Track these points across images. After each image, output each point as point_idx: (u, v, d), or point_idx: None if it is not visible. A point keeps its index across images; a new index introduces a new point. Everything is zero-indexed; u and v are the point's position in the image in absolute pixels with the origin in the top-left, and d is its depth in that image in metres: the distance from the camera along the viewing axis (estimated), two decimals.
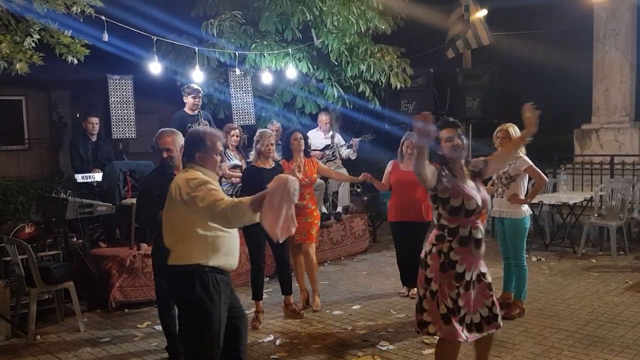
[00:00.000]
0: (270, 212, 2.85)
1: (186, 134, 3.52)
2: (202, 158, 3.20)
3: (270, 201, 2.85)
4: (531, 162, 5.18)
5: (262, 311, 5.31)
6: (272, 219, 2.85)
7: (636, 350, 4.39)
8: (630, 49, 9.75)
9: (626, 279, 6.44)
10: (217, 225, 3.08)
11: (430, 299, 3.47)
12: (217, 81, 8.42)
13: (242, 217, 2.92)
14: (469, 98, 9.81)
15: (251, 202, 2.89)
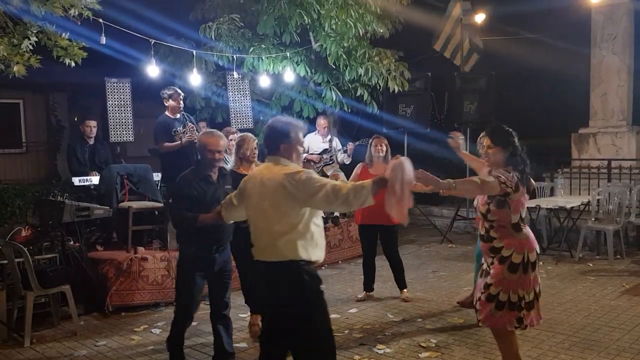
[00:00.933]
0: (395, 200, 2.98)
1: (268, 124, 3.33)
2: (287, 150, 3.17)
3: (393, 189, 2.98)
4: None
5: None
6: (398, 206, 2.99)
7: (632, 354, 4.40)
8: (628, 53, 9.78)
9: (623, 283, 6.45)
10: (314, 218, 3.08)
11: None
12: (215, 85, 8.43)
13: (364, 200, 2.99)
14: (466, 102, 9.82)
15: (372, 187, 2.97)
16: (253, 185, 3.21)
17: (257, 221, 3.18)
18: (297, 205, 3.03)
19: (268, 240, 3.10)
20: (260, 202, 3.13)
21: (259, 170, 3.30)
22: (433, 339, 4.84)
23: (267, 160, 3.25)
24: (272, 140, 3.20)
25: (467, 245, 8.85)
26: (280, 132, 3.18)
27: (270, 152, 3.22)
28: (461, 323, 5.26)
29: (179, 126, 6.21)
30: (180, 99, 6.33)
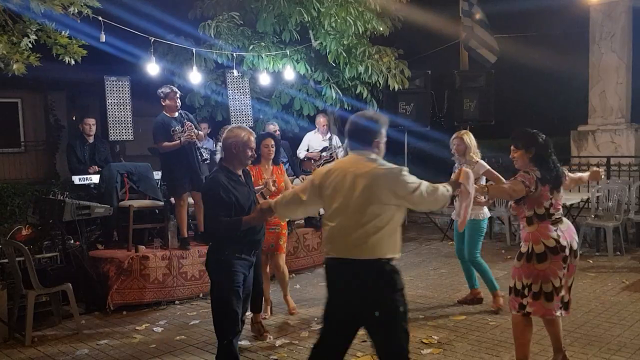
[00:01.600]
0: (465, 205, 3.27)
1: (355, 118, 3.22)
2: (378, 145, 3.13)
3: (467, 194, 3.25)
4: (488, 167, 5.39)
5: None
6: (465, 211, 3.29)
7: (633, 350, 4.41)
8: (626, 51, 9.78)
9: (623, 279, 6.46)
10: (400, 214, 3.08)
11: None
12: (214, 83, 8.41)
13: (447, 202, 3.16)
14: (466, 100, 9.84)
15: (451, 187, 3.17)
16: (339, 180, 3.06)
17: (345, 217, 3.02)
18: (393, 202, 3.00)
19: (359, 236, 2.98)
20: (352, 197, 3.00)
21: (341, 164, 3.16)
22: (435, 335, 4.85)
23: (353, 154, 3.17)
24: (365, 134, 3.13)
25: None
26: (375, 128, 3.13)
27: (360, 147, 3.14)
28: (463, 319, 5.27)
29: (177, 125, 6.14)
30: (177, 97, 6.22)
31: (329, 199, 3.11)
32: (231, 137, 3.81)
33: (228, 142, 3.81)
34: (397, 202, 3.01)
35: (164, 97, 6.17)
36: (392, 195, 2.98)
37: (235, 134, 3.83)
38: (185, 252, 6.15)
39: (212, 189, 3.69)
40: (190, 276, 6.13)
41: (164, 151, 6.15)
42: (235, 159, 3.81)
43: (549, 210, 3.84)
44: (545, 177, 3.79)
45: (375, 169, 3.02)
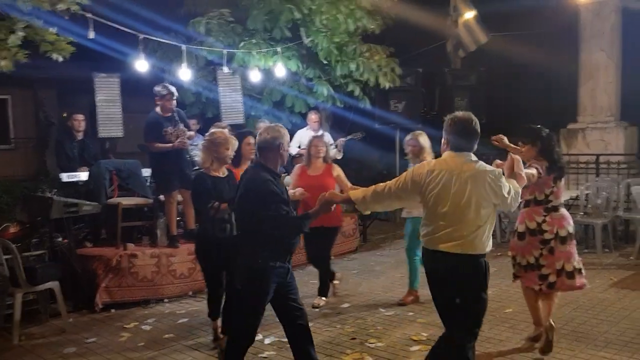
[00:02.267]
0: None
1: (464, 118, 3.32)
2: (474, 148, 3.39)
3: (522, 178, 3.65)
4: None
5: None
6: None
7: (620, 346, 4.44)
8: (615, 50, 9.84)
9: (611, 276, 6.50)
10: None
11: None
12: (205, 80, 8.38)
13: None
14: (457, 98, 9.88)
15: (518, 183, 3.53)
16: (447, 180, 3.23)
17: (456, 216, 3.21)
18: (493, 201, 3.25)
19: (466, 233, 3.20)
20: (462, 197, 3.20)
21: (444, 165, 3.29)
22: (424, 332, 4.86)
23: (454, 154, 3.31)
24: (474, 137, 3.30)
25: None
26: (477, 130, 3.31)
27: (462, 149, 3.30)
28: None
29: (170, 126, 6.13)
30: (173, 99, 6.19)
31: (436, 197, 3.26)
32: (278, 136, 3.56)
33: (276, 141, 3.54)
34: (496, 202, 3.27)
35: (160, 97, 6.14)
36: (493, 195, 3.24)
37: (282, 133, 3.59)
38: (174, 250, 6.13)
39: (261, 185, 3.44)
40: (179, 274, 6.11)
41: (155, 151, 6.13)
42: (280, 159, 3.60)
43: (548, 197, 4.24)
44: (552, 167, 4.23)
45: (481, 170, 3.25)
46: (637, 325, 4.89)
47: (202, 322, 5.26)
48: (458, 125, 3.32)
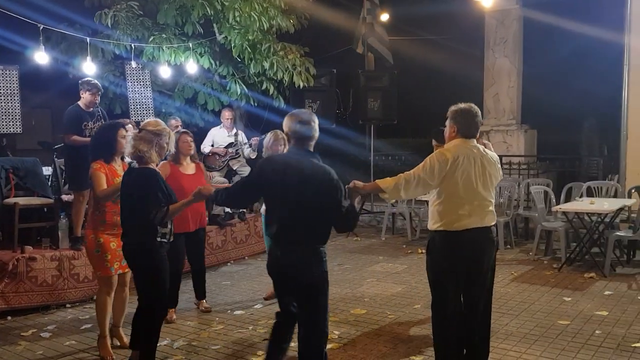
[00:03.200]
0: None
1: (467, 111, 3.75)
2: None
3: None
4: None
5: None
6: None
7: (518, 338, 4.69)
8: (517, 57, 10.42)
9: (512, 271, 6.86)
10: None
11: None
12: (112, 74, 8.04)
13: None
14: (370, 99, 10.09)
15: None
16: (468, 163, 3.63)
17: (481, 195, 3.68)
18: (498, 180, 3.85)
19: (491, 208, 3.75)
20: (484, 177, 3.70)
21: (464, 151, 3.65)
22: (336, 330, 4.90)
23: (468, 141, 3.71)
24: (476, 125, 3.77)
25: (371, 238, 9.08)
26: (480, 120, 3.81)
27: (470, 136, 3.74)
28: (363, 314, 5.37)
29: (90, 120, 5.91)
30: (98, 95, 6.03)
31: (465, 181, 3.63)
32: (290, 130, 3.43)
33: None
34: (499, 180, 3.88)
35: (85, 89, 5.92)
36: (499, 175, 3.85)
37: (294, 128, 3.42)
38: (77, 253, 5.82)
39: (335, 178, 3.31)
40: (82, 278, 5.81)
41: (72, 144, 5.85)
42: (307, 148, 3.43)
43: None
44: None
45: (489, 153, 3.81)
46: (535, 318, 5.19)
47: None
48: (466, 115, 3.74)
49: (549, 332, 4.82)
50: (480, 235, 3.71)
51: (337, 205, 3.32)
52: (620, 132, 8.62)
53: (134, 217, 3.83)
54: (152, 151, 3.88)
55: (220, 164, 7.88)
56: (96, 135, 4.95)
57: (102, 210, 4.29)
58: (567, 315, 5.22)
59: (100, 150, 4.39)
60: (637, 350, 4.37)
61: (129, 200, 3.86)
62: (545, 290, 6.06)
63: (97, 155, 4.37)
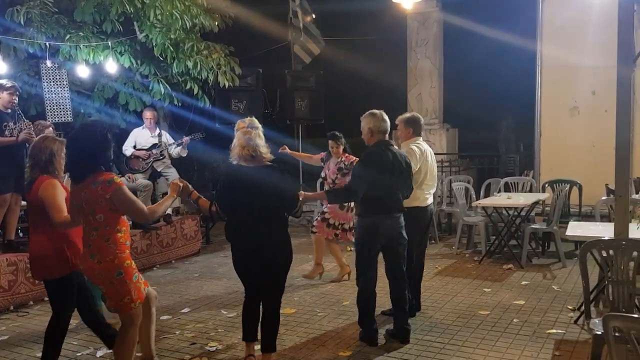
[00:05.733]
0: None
1: (412, 116, 5.29)
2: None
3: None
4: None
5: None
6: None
7: (442, 329, 4.85)
8: (438, 58, 10.78)
9: (436, 265, 7.09)
10: None
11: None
12: (26, 74, 7.62)
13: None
14: (298, 99, 10.12)
15: None
16: (427, 155, 5.13)
17: (433, 180, 5.21)
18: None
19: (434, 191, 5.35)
20: (434, 166, 5.25)
21: (423, 145, 5.16)
22: None
23: (420, 139, 5.20)
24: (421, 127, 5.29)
25: (301, 237, 9.09)
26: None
27: (420, 134, 5.21)
28: (293, 312, 5.39)
29: (11, 121, 5.70)
30: (16, 94, 5.84)
31: (429, 170, 5.15)
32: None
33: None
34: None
35: (2, 90, 5.72)
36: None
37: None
38: None
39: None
40: None
41: None
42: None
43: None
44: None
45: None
46: (458, 309, 5.39)
47: (25, 339, 4.81)
48: (418, 120, 5.21)
49: (471, 322, 5.02)
50: (431, 210, 5.30)
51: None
52: (535, 130, 9.11)
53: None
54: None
55: (144, 166, 7.68)
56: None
57: (123, 230, 3.60)
58: (487, 306, 5.46)
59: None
60: (552, 337, 4.63)
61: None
62: (467, 282, 6.31)
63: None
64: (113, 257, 3.46)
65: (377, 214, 4.44)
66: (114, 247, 3.48)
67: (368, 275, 4.52)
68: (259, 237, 3.89)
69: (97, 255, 3.47)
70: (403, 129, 5.19)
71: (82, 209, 3.53)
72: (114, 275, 3.46)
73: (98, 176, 3.47)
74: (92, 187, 3.46)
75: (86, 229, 3.55)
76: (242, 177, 3.86)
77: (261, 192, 3.81)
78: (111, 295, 3.54)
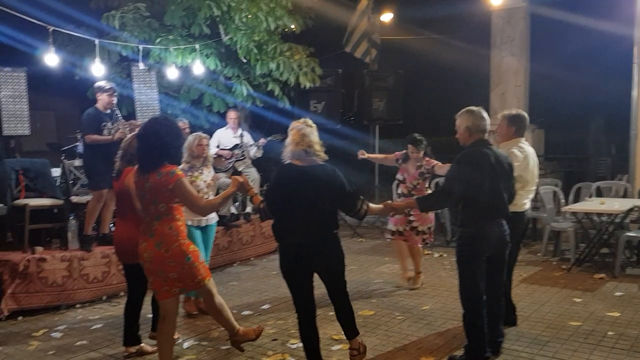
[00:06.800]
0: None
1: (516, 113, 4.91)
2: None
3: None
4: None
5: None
6: None
7: (530, 339, 4.65)
8: (525, 55, 10.35)
9: (521, 272, 6.76)
10: None
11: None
12: (119, 76, 8.04)
13: None
14: (375, 99, 10.06)
15: None
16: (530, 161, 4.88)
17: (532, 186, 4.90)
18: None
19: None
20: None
21: (524, 148, 4.84)
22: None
23: (523, 140, 4.88)
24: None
25: (376, 239, 9.04)
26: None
27: (522, 135, 4.90)
28: (371, 315, 5.36)
29: (109, 121, 6.03)
30: (115, 96, 6.15)
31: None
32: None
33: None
34: None
35: (102, 91, 6.05)
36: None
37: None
38: (86, 254, 5.84)
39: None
40: (92, 278, 5.82)
41: (91, 143, 5.97)
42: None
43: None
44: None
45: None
46: (546, 319, 5.16)
47: (117, 328, 5.05)
48: (524, 119, 4.87)
49: (561, 333, 4.79)
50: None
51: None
52: (630, 131, 8.58)
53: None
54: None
55: (226, 165, 7.88)
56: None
57: (181, 220, 3.85)
58: (579, 317, 5.19)
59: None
60: None
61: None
62: (555, 292, 6.03)
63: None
64: (178, 244, 3.68)
65: (483, 221, 4.05)
66: (177, 234, 3.70)
67: (476, 291, 4.10)
68: (305, 238, 3.77)
69: (163, 244, 3.67)
70: (505, 127, 4.77)
71: (144, 200, 3.73)
72: (184, 260, 3.68)
73: (162, 168, 3.67)
74: (157, 177, 3.66)
75: (147, 218, 3.75)
76: (293, 175, 3.81)
77: (312, 191, 3.74)
78: (184, 279, 3.73)
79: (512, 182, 4.26)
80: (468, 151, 4.18)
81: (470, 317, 4.14)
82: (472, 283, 4.10)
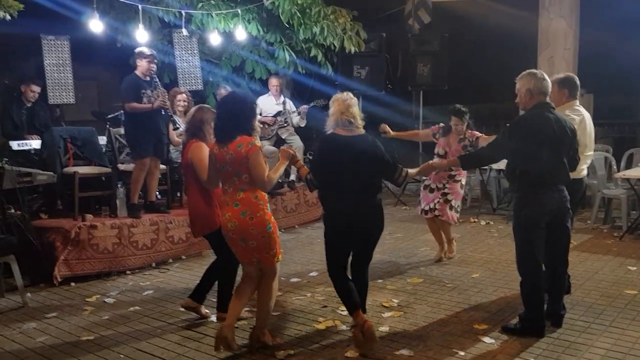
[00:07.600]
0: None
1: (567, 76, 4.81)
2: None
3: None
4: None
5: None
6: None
7: (585, 307, 4.53)
8: (575, 17, 9.92)
9: (572, 240, 6.58)
10: None
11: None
12: (160, 43, 8.00)
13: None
14: (420, 64, 9.77)
15: None
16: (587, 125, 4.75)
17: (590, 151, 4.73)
18: None
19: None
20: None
21: (580, 111, 4.68)
22: (395, 299, 4.86)
23: (577, 104, 4.70)
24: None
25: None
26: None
27: (576, 97, 4.75)
28: (421, 282, 5.30)
29: (149, 89, 5.97)
30: (155, 63, 6.08)
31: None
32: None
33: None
34: None
35: (141, 57, 5.96)
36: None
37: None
38: (135, 221, 5.90)
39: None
40: (141, 245, 5.90)
41: (131, 111, 5.95)
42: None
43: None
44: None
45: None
46: (600, 287, 5.03)
47: (168, 294, 5.12)
48: (575, 81, 4.73)
49: (616, 301, 4.66)
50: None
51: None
52: None
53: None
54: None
55: (269, 132, 7.82)
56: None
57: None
58: (634, 285, 5.05)
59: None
60: None
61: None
62: (608, 260, 5.87)
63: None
64: (262, 213, 3.71)
65: (542, 187, 3.92)
66: (262, 203, 3.74)
67: (533, 259, 3.98)
68: (351, 204, 3.84)
69: (249, 212, 3.68)
70: (556, 91, 4.56)
71: (226, 172, 3.72)
72: (265, 229, 3.71)
73: (241, 139, 3.68)
74: (238, 149, 3.66)
75: (229, 190, 3.75)
76: (338, 144, 3.89)
77: (355, 159, 3.83)
78: (261, 248, 3.75)
79: (575, 148, 4.09)
80: (528, 115, 4.05)
81: (528, 286, 4.05)
82: (529, 250, 4.00)
